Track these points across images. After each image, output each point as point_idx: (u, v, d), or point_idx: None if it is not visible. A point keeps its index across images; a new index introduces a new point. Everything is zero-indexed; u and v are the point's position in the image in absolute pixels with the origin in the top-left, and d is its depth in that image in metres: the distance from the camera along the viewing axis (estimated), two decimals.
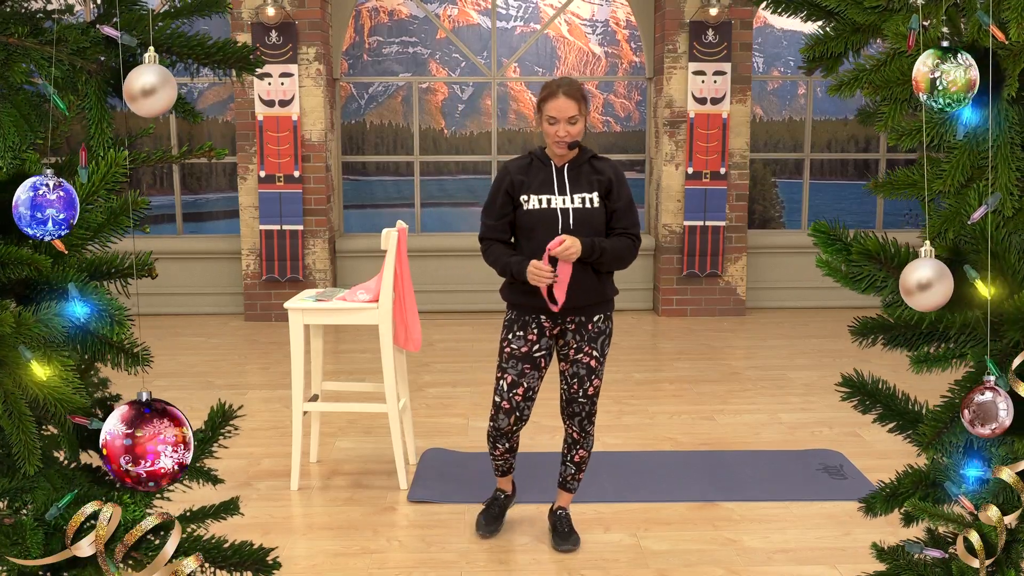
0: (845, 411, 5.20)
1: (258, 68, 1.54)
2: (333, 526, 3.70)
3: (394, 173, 8.37)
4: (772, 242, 8.26)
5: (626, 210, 3.30)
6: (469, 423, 4.99)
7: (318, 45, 7.52)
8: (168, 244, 7.99)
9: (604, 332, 3.35)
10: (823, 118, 8.43)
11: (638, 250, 3.33)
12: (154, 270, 1.57)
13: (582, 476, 3.54)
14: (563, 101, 3.20)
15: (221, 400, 1.76)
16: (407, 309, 4.16)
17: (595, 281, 3.27)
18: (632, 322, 7.75)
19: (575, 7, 8.26)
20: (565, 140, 3.22)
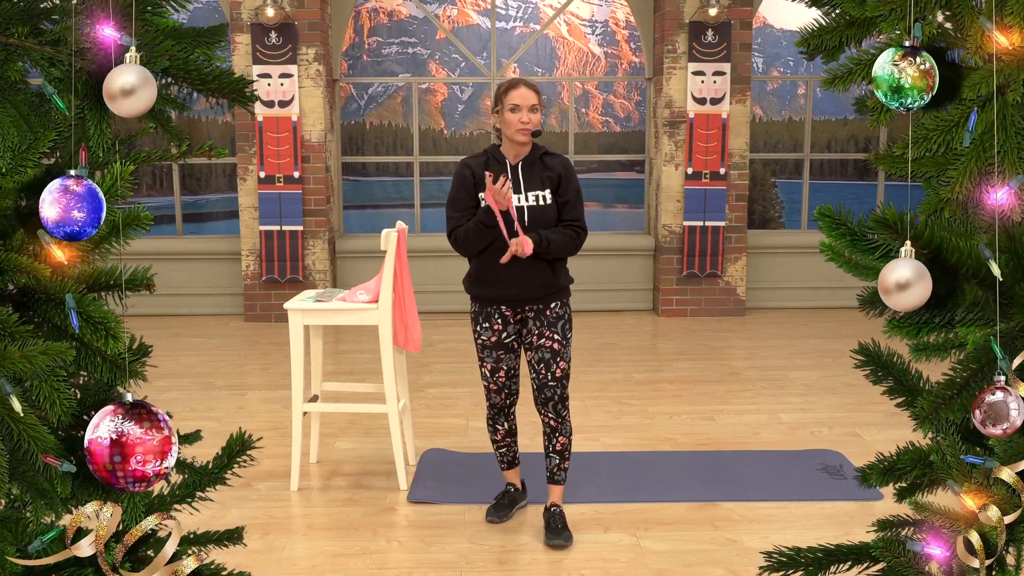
0: (845, 411, 5.21)
1: (251, 103, 1.55)
2: (333, 526, 3.70)
3: (394, 173, 8.37)
4: (772, 242, 8.26)
5: (574, 203, 3.44)
6: (469, 423, 4.99)
7: (318, 46, 7.52)
8: (168, 245, 7.99)
9: (563, 317, 3.48)
10: (823, 118, 8.43)
11: (583, 241, 3.47)
12: (153, 285, 1.57)
13: (567, 465, 3.61)
14: (525, 90, 3.36)
15: (241, 429, 1.75)
16: (407, 309, 4.16)
17: (549, 274, 3.43)
18: (632, 322, 7.75)
19: (575, 7, 8.26)
20: (528, 127, 3.34)
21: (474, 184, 3.42)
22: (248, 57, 7.47)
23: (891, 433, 4.80)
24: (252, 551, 3.45)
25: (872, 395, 5.43)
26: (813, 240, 8.29)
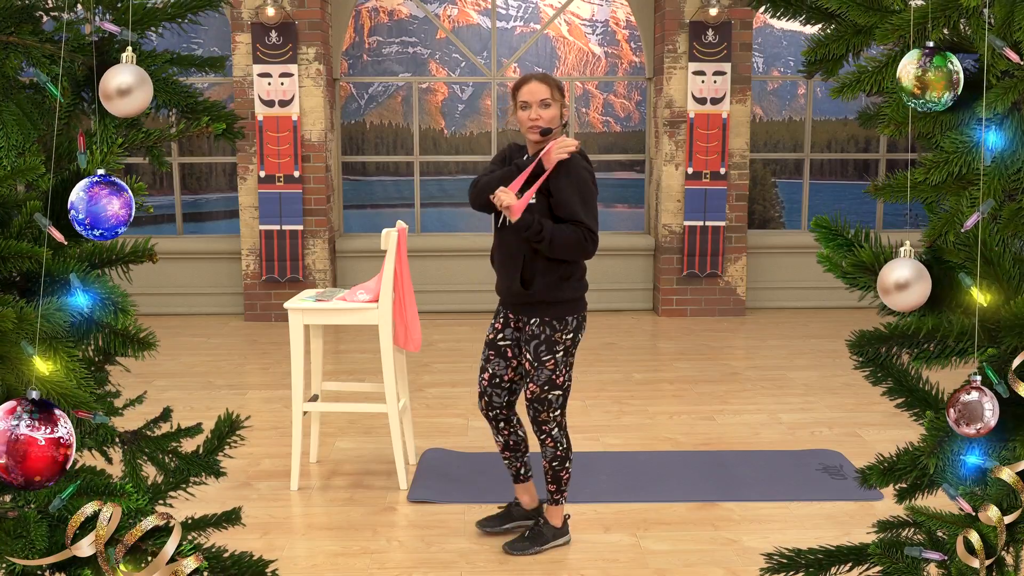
0: (845, 411, 5.21)
1: (238, 139, 1.56)
2: (333, 526, 3.70)
3: (394, 173, 8.37)
4: (772, 242, 8.26)
5: (567, 201, 3.17)
6: (469, 423, 4.99)
7: (318, 45, 7.52)
8: (168, 244, 7.99)
9: (538, 337, 3.25)
10: (823, 118, 8.43)
11: (590, 245, 3.18)
12: (155, 255, 1.57)
13: (553, 488, 3.43)
14: (535, 85, 3.22)
15: (229, 410, 1.75)
16: (407, 309, 4.16)
17: (519, 279, 3.22)
18: (632, 322, 7.75)
19: (575, 7, 8.26)
20: (538, 123, 3.21)
21: (502, 161, 3.39)
22: (248, 56, 7.47)
23: (891, 433, 4.80)
24: (252, 551, 3.45)
25: (872, 395, 5.43)
26: (813, 240, 8.25)
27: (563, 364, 3.29)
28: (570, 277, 3.27)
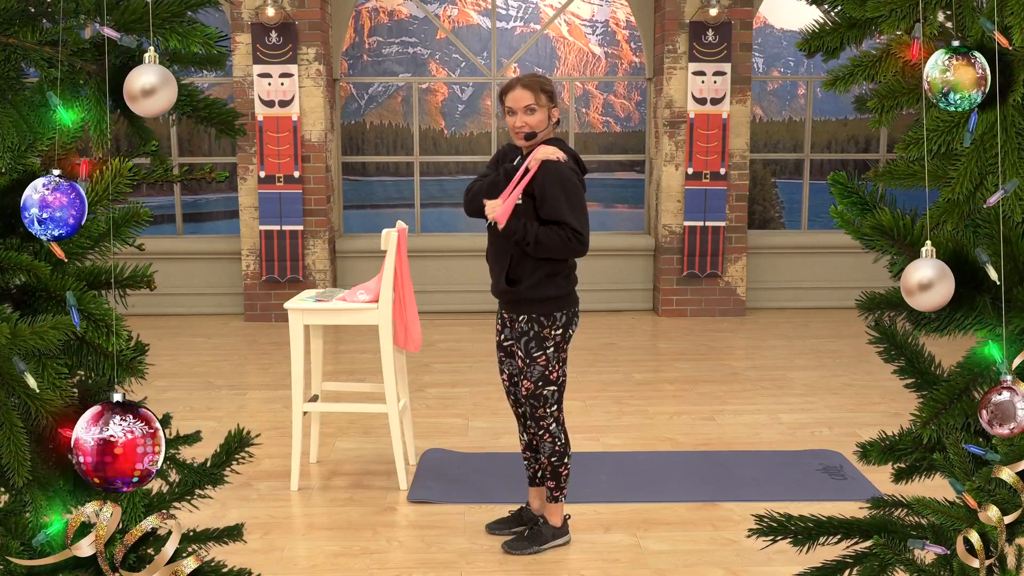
0: (845, 411, 5.21)
1: (239, 136, 1.56)
2: (333, 526, 3.70)
3: (394, 173, 8.37)
4: (772, 242, 8.26)
5: (550, 204, 3.17)
6: (469, 423, 4.99)
7: (318, 45, 7.52)
8: (168, 245, 7.99)
9: (527, 333, 3.29)
10: (823, 118, 8.43)
11: (578, 246, 3.19)
12: (153, 282, 1.56)
13: (552, 485, 3.44)
14: (519, 91, 3.24)
15: (240, 426, 1.75)
16: (407, 309, 4.16)
17: (503, 276, 3.27)
18: (632, 322, 7.75)
19: (575, 7, 8.26)
20: (523, 130, 3.25)
21: (496, 162, 3.43)
22: (248, 57, 7.47)
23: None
24: (252, 551, 3.45)
25: (872, 395, 5.43)
26: (813, 240, 8.29)
27: (555, 360, 3.32)
28: (556, 275, 3.29)
